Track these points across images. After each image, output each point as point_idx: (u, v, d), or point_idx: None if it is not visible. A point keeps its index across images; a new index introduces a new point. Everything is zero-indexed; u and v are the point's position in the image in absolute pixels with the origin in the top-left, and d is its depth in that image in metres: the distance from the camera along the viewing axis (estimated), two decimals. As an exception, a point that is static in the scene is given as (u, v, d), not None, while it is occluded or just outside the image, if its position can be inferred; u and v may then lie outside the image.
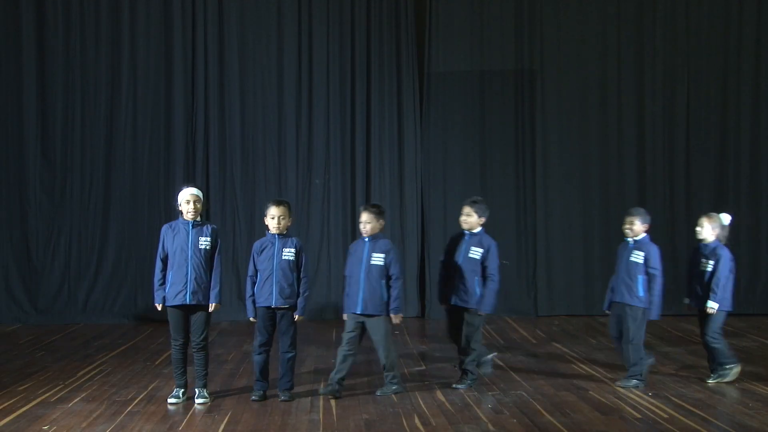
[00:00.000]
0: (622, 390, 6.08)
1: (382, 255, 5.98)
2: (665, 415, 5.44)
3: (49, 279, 9.58)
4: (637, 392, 6.01)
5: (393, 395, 5.94)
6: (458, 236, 6.32)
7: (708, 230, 6.38)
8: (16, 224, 9.62)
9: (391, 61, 9.84)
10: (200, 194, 5.95)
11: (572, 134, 9.96)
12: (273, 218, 5.92)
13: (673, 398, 5.86)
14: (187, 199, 5.86)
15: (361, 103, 9.83)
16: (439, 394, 6.02)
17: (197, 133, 9.73)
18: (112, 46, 9.68)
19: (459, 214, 6.41)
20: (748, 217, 9.92)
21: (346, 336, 6.01)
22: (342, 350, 6.00)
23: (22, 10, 9.59)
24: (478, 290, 6.11)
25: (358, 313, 5.96)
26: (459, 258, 6.18)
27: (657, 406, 5.66)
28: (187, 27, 9.71)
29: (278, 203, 6.04)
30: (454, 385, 6.17)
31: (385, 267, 5.98)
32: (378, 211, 6.10)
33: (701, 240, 6.41)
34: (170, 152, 9.71)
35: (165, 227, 5.94)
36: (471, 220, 6.25)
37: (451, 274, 6.20)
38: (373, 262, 5.97)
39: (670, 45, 9.95)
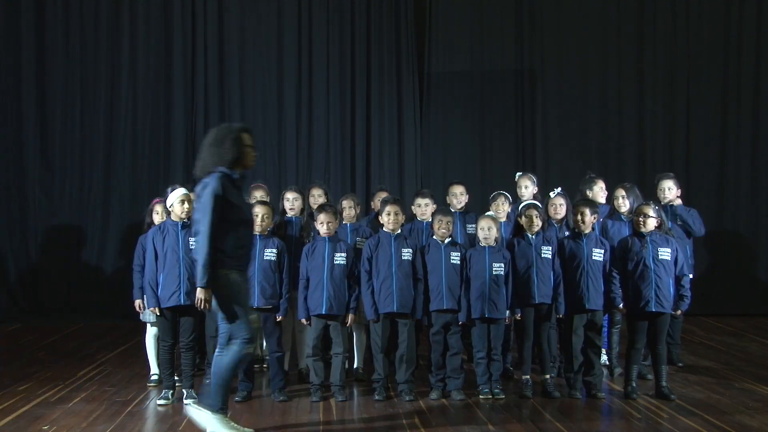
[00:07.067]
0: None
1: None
2: (665, 415, 5.44)
3: (49, 279, 9.59)
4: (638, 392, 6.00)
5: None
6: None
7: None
8: (16, 224, 9.63)
9: (391, 61, 9.85)
10: (190, 193, 5.95)
11: (572, 134, 9.97)
12: (257, 216, 5.91)
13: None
14: (181, 199, 5.84)
15: (361, 103, 9.83)
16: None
17: (197, 133, 9.73)
18: (112, 46, 9.69)
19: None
20: (749, 217, 9.93)
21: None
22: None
23: (22, 11, 9.60)
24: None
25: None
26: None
27: (657, 406, 5.66)
28: (187, 27, 9.72)
29: (262, 203, 6.10)
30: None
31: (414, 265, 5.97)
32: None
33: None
34: (170, 152, 9.72)
35: (153, 229, 5.92)
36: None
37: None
38: (404, 258, 5.93)
39: (670, 45, 9.96)
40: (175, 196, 5.85)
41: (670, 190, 6.87)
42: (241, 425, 5.04)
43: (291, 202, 6.60)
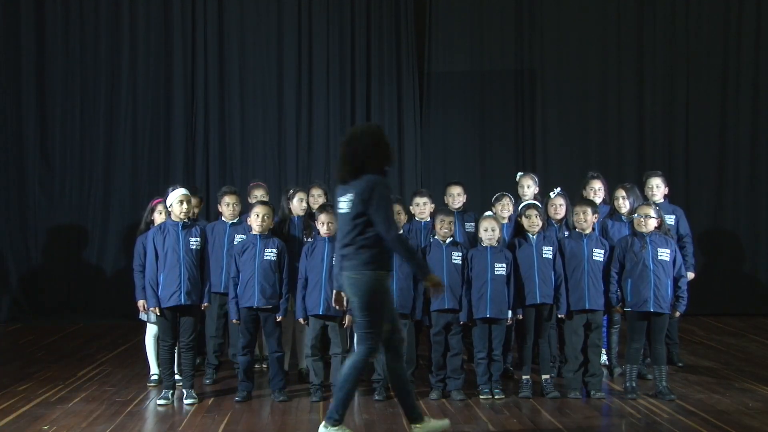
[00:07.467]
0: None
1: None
2: (665, 415, 5.44)
3: (49, 279, 9.59)
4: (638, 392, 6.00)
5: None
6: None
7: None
8: (16, 224, 9.63)
9: (391, 61, 9.84)
10: (189, 194, 5.95)
11: (572, 134, 9.97)
12: (258, 216, 5.92)
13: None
14: (180, 199, 5.83)
15: (361, 103, 9.83)
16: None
17: (197, 132, 9.73)
18: (112, 46, 9.69)
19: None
20: (748, 217, 9.93)
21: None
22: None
23: (21, 11, 9.60)
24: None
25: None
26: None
27: (657, 406, 5.66)
28: (187, 27, 9.72)
29: (264, 203, 6.10)
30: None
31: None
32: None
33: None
34: (170, 152, 9.72)
35: (154, 229, 5.92)
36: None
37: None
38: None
39: (670, 45, 9.96)
40: (175, 196, 5.85)
41: (658, 188, 6.84)
42: (241, 425, 5.03)
43: (303, 201, 6.61)
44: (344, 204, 4.81)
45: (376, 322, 4.76)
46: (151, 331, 6.31)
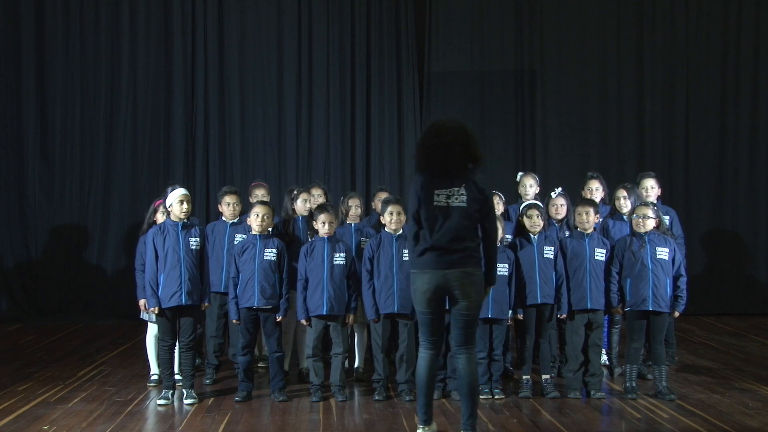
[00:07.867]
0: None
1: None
2: (665, 415, 5.45)
3: (49, 279, 9.59)
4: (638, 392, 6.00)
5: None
6: None
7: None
8: (16, 224, 9.63)
9: (391, 61, 9.84)
10: (188, 193, 5.96)
11: (572, 134, 9.97)
12: (257, 216, 5.91)
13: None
14: (180, 199, 5.83)
15: (361, 103, 9.83)
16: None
17: (197, 133, 9.73)
18: (112, 46, 9.69)
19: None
20: (748, 216, 9.93)
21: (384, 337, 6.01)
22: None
23: (22, 11, 9.60)
24: None
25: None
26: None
27: (657, 406, 5.66)
28: (187, 27, 9.72)
29: (264, 203, 6.10)
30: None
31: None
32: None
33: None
34: (170, 152, 9.72)
35: (154, 229, 5.91)
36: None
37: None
38: (406, 259, 5.92)
39: (670, 45, 9.97)
40: (175, 196, 5.85)
41: (652, 189, 6.83)
42: (241, 425, 5.02)
43: (307, 202, 6.60)
44: (456, 196, 4.72)
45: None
46: (153, 330, 6.31)
